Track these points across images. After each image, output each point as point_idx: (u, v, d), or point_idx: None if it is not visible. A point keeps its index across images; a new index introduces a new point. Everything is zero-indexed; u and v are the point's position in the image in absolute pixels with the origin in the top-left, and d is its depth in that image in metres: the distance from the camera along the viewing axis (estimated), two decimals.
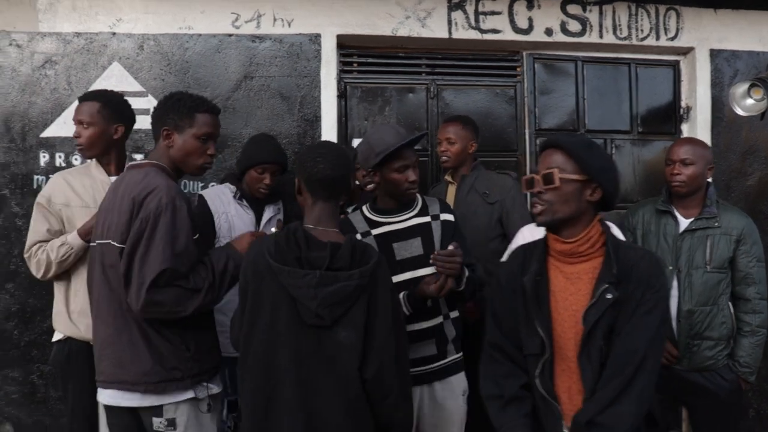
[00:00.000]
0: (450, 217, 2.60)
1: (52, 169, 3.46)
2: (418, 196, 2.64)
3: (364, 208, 2.63)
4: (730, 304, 2.94)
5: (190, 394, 2.20)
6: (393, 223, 2.54)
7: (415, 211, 2.57)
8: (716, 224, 2.91)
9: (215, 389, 2.29)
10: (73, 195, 2.72)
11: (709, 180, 3.01)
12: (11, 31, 3.49)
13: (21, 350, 3.46)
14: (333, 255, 1.99)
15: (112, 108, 2.76)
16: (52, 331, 2.82)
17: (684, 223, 2.97)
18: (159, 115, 2.30)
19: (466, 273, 2.43)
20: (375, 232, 2.53)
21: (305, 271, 1.96)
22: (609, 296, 1.77)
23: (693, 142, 3.07)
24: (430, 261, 2.36)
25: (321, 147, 2.19)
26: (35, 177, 3.48)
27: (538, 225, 1.92)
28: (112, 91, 2.88)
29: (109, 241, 2.16)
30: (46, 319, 3.40)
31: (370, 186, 2.65)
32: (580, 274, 1.86)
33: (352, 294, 2.00)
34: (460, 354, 2.62)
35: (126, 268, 2.08)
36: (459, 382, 2.59)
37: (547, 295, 1.90)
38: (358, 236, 2.52)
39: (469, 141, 3.30)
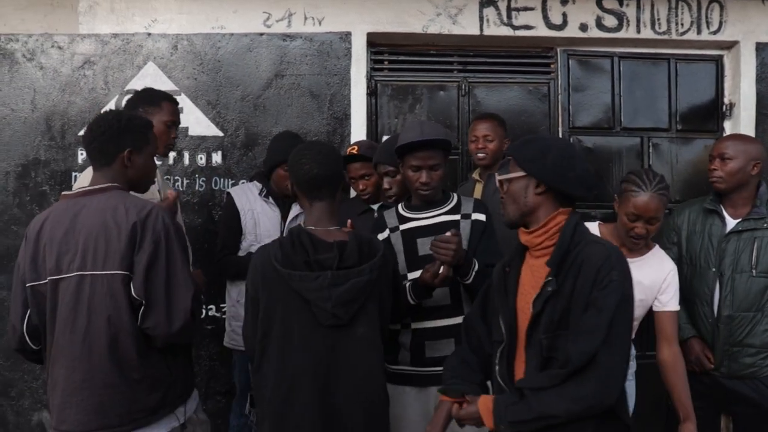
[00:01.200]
0: (482, 216, 2.57)
1: (89, 166, 3.57)
2: (455, 195, 2.63)
3: (400, 205, 2.64)
4: None
5: (174, 421, 2.13)
6: (421, 219, 2.55)
7: (446, 209, 2.56)
8: (765, 225, 2.79)
9: (191, 411, 2.22)
10: None
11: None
12: (53, 34, 3.62)
13: None
14: (341, 254, 2.02)
15: None
16: None
17: (731, 223, 2.86)
18: (113, 136, 2.15)
19: (476, 266, 2.39)
20: (403, 227, 2.56)
21: (316, 273, 2.00)
22: (549, 288, 1.77)
23: (737, 137, 3.00)
24: (429, 248, 2.34)
25: (306, 148, 2.23)
26: (73, 174, 3.59)
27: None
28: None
29: (105, 271, 2.00)
30: None
31: (385, 185, 2.67)
32: (541, 266, 1.85)
33: (365, 288, 2.05)
34: None
35: (146, 292, 2.01)
36: None
37: (515, 285, 1.92)
38: (388, 231, 2.56)
39: (504, 138, 3.30)
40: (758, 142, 2.96)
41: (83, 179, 2.62)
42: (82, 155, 3.59)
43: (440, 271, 2.30)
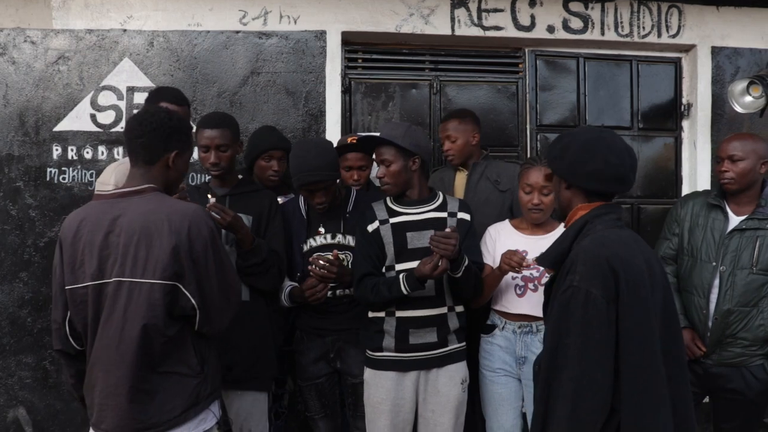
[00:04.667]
0: (467, 216, 2.73)
1: (64, 162, 3.58)
2: (440, 193, 2.77)
3: (388, 198, 2.76)
4: None
5: (212, 418, 2.17)
6: (410, 214, 2.69)
7: (434, 206, 2.71)
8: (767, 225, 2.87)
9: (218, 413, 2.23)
10: None
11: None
12: (26, 29, 3.60)
13: (34, 337, 3.58)
14: None
15: None
16: None
17: (735, 220, 2.92)
18: (163, 136, 2.12)
19: (466, 261, 2.53)
20: (393, 220, 2.69)
21: None
22: (545, 278, 1.97)
23: (742, 137, 2.98)
24: (428, 242, 2.46)
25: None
26: (48, 170, 3.59)
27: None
28: None
29: (144, 279, 1.98)
30: None
31: (379, 174, 2.77)
32: None
33: None
34: (463, 344, 2.74)
35: (202, 300, 2.05)
36: (459, 370, 2.71)
37: None
38: (377, 223, 2.69)
39: (471, 134, 3.33)
40: (763, 141, 2.96)
41: (108, 175, 2.61)
42: (57, 151, 3.59)
43: (439, 264, 2.42)
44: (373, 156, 2.76)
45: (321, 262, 2.65)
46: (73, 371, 2.16)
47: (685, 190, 4.14)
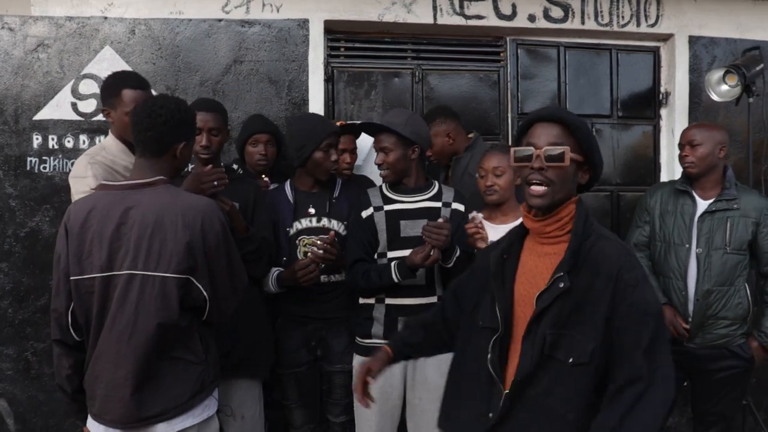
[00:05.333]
0: (461, 207, 2.77)
1: (45, 151, 3.54)
2: (436, 182, 2.81)
3: (383, 185, 2.79)
4: (746, 285, 3.03)
5: (214, 404, 2.20)
6: (405, 202, 2.72)
7: (429, 195, 2.75)
8: (735, 206, 3.01)
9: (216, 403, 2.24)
10: None
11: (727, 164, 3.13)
12: (3, 15, 3.55)
13: (15, 328, 3.54)
14: None
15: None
16: (45, 310, 2.86)
17: (703, 204, 3.06)
18: (174, 127, 2.12)
19: (457, 252, 2.56)
20: (387, 207, 2.73)
21: None
22: (561, 285, 1.66)
23: (701, 125, 3.22)
24: (421, 232, 2.48)
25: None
26: (28, 159, 3.55)
27: (536, 207, 1.74)
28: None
29: (158, 273, 1.99)
30: (40, 298, 3.51)
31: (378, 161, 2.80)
32: (550, 255, 1.76)
33: None
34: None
35: (213, 291, 2.09)
36: (447, 359, 2.71)
37: (513, 273, 1.82)
38: (371, 210, 2.71)
39: (443, 135, 3.35)
40: (721, 128, 3.19)
41: (83, 168, 2.53)
42: (37, 140, 3.55)
43: (431, 253, 2.45)
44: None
45: (319, 243, 2.66)
46: (71, 361, 2.13)
47: (664, 177, 4.21)
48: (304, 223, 2.85)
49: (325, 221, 2.85)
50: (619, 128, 4.23)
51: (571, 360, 1.64)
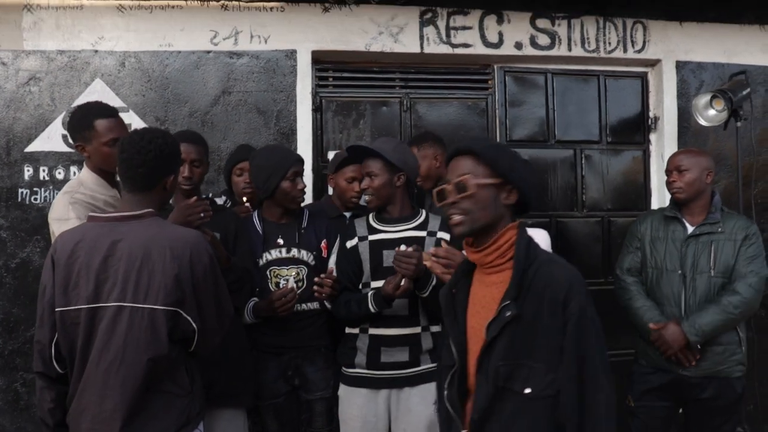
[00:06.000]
0: (447, 236, 2.72)
1: (36, 182, 3.59)
2: (423, 211, 2.80)
3: (371, 215, 2.80)
4: None
5: None
6: (389, 232, 2.72)
7: (414, 225, 2.74)
8: (719, 230, 3.00)
9: None
10: None
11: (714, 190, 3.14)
12: None
13: (5, 359, 3.55)
14: None
15: None
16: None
17: (690, 229, 3.06)
18: (163, 162, 2.13)
19: (434, 281, 2.54)
20: (371, 237, 2.73)
21: None
22: (508, 314, 1.64)
23: (688, 151, 3.25)
24: (392, 261, 2.48)
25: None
26: (20, 190, 3.59)
27: (457, 236, 1.82)
28: None
29: (147, 305, 1.99)
30: (30, 329, 3.51)
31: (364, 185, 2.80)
32: (496, 284, 1.74)
33: None
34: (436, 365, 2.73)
35: (202, 322, 2.09)
36: (432, 390, 2.68)
37: (464, 306, 1.81)
38: (356, 240, 2.73)
39: (432, 158, 3.33)
40: (708, 154, 3.23)
41: (64, 210, 2.50)
42: (28, 171, 3.59)
43: (401, 283, 2.44)
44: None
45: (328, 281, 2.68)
46: (53, 395, 2.10)
47: (655, 201, 4.21)
48: (274, 254, 2.86)
49: (294, 252, 2.86)
50: (608, 154, 4.24)
51: (528, 391, 1.61)
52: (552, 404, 1.62)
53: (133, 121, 3.61)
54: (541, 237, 2.75)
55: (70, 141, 3.48)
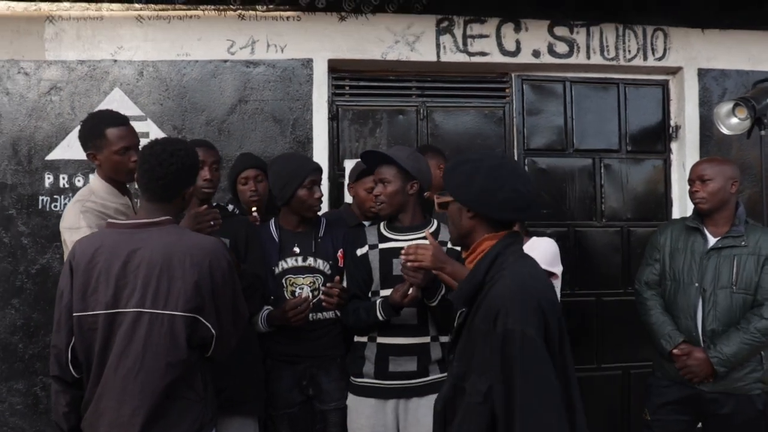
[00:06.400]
0: (458, 246, 2.70)
1: (56, 190, 3.65)
2: (435, 221, 2.78)
3: (382, 224, 2.79)
4: None
5: None
6: (399, 240, 2.69)
7: (424, 234, 2.69)
8: (743, 243, 2.90)
9: None
10: None
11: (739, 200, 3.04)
12: (20, 60, 3.69)
13: (25, 363, 3.62)
14: None
15: None
16: None
17: (712, 241, 2.96)
18: (184, 173, 2.15)
19: (443, 290, 2.52)
20: (382, 246, 2.71)
21: None
22: (458, 320, 1.76)
23: (712, 159, 3.15)
24: (400, 270, 2.48)
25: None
26: (40, 198, 3.66)
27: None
28: None
29: (166, 311, 2.01)
30: (49, 333, 3.51)
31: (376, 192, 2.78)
32: None
33: None
34: (446, 375, 2.71)
35: (219, 328, 2.10)
36: None
37: None
38: (366, 248, 2.72)
39: (434, 169, 3.21)
40: (732, 163, 3.10)
41: (75, 218, 2.50)
42: (48, 179, 3.66)
43: (409, 291, 2.44)
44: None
45: (335, 290, 2.67)
46: (68, 398, 2.12)
47: (676, 211, 4.14)
48: (290, 262, 2.86)
49: (311, 260, 2.86)
50: (628, 163, 4.18)
51: (470, 396, 1.68)
52: (485, 414, 1.65)
53: (151, 129, 3.65)
54: (543, 247, 2.72)
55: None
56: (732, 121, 3.66)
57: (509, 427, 1.59)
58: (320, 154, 3.78)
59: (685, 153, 4.08)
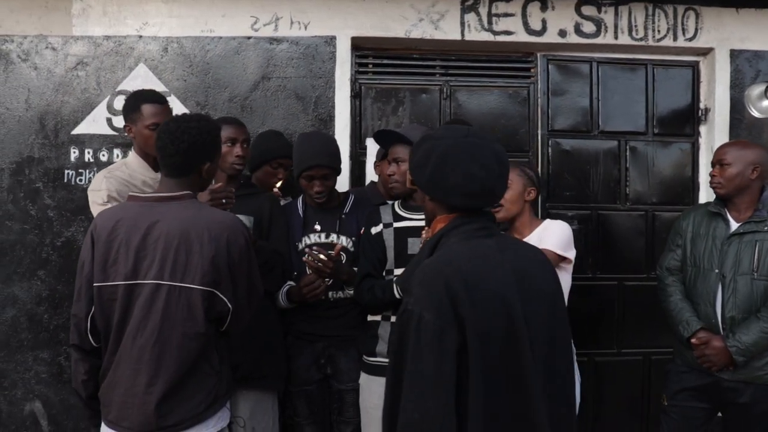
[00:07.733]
0: None
1: (81, 164, 3.70)
2: None
3: (396, 203, 2.80)
4: None
5: (228, 414, 2.25)
6: (414, 220, 2.69)
7: None
8: (766, 228, 2.84)
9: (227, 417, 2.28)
10: None
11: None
12: (47, 35, 3.73)
13: (50, 333, 3.69)
14: None
15: None
16: None
17: (735, 226, 2.90)
18: (200, 148, 2.17)
19: None
20: (396, 225, 2.72)
21: None
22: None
23: (735, 143, 3.09)
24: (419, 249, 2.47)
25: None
26: (66, 171, 3.71)
27: None
28: None
29: (184, 284, 2.05)
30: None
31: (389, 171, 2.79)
32: None
33: None
34: None
35: (236, 301, 2.14)
36: None
37: None
38: (381, 227, 2.73)
39: None
40: (758, 147, 2.99)
41: (98, 182, 2.69)
42: (74, 153, 3.70)
43: None
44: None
45: (321, 256, 2.67)
46: (87, 367, 2.18)
47: (702, 196, 4.05)
48: (313, 238, 2.87)
49: (333, 237, 2.87)
50: (655, 146, 4.09)
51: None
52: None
53: (175, 105, 3.65)
54: (555, 230, 2.68)
55: (114, 124, 3.65)
56: (764, 104, 3.58)
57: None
58: (342, 133, 3.78)
59: (714, 136, 3.98)
